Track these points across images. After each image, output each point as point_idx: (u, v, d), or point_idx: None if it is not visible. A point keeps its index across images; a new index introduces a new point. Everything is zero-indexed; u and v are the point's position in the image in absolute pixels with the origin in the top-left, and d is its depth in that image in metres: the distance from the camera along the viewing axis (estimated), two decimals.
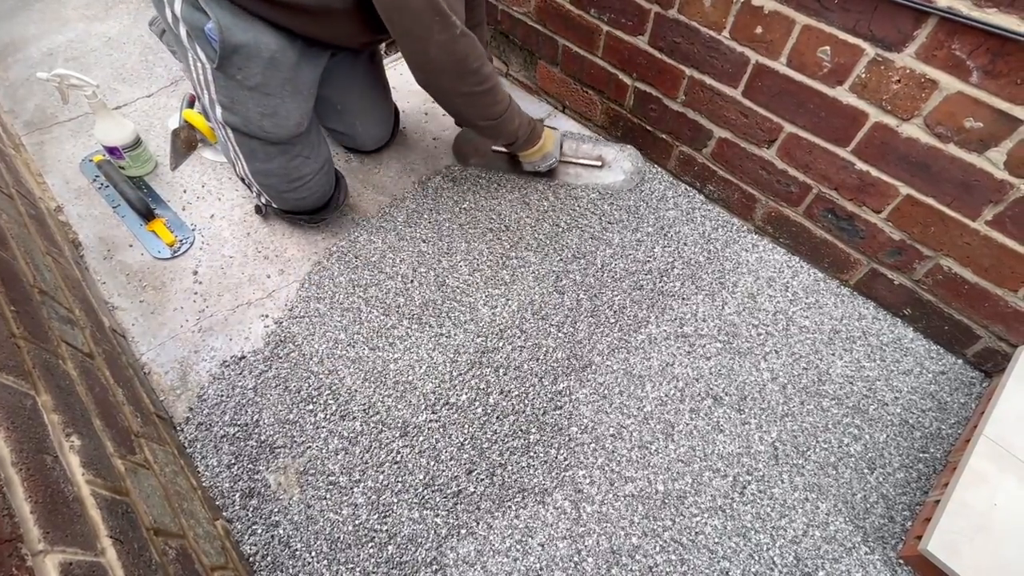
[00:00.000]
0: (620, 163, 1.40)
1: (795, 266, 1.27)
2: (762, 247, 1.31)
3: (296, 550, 0.89)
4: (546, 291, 1.20)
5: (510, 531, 0.91)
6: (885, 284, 1.16)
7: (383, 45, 1.85)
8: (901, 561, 0.90)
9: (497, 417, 1.03)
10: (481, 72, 1.01)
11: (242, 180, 1.21)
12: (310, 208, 1.23)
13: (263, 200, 1.22)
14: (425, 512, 0.92)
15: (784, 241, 1.30)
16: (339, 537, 0.90)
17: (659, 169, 1.46)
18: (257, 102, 1.00)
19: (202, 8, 0.91)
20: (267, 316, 1.15)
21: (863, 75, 0.95)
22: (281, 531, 0.90)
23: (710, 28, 1.11)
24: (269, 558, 0.88)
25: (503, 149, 1.37)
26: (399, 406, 1.03)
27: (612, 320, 1.16)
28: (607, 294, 1.20)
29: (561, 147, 1.36)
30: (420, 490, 0.94)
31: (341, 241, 1.28)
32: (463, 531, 0.91)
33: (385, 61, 1.73)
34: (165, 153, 1.41)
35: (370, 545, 0.89)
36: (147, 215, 1.25)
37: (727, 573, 0.88)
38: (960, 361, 1.13)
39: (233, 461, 0.96)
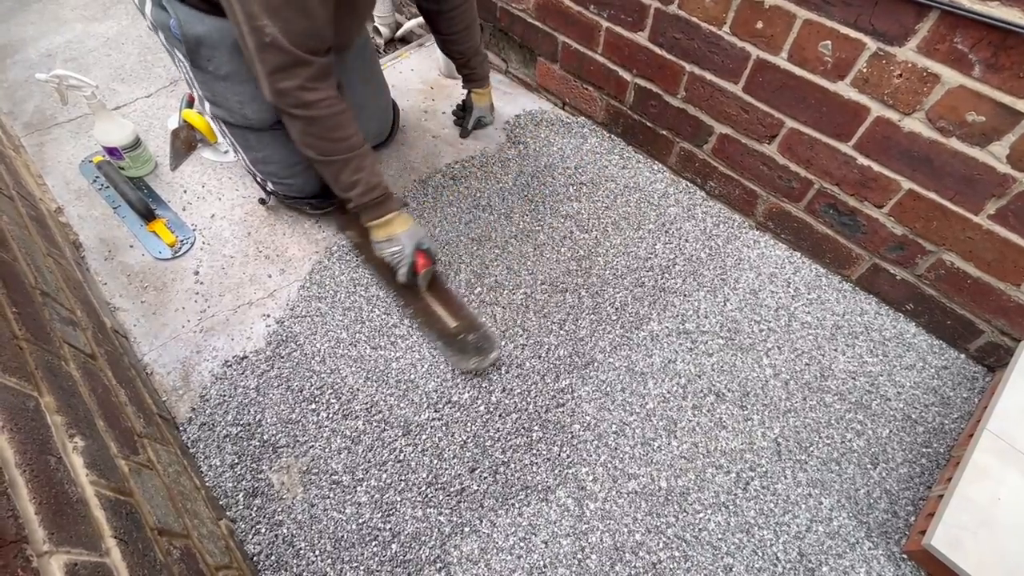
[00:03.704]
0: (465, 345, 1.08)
1: (797, 262, 1.27)
2: (763, 243, 1.30)
3: (300, 549, 0.89)
4: (547, 289, 1.20)
5: (514, 528, 0.91)
6: (887, 279, 1.16)
7: (381, 42, 1.85)
8: (905, 556, 0.90)
9: (500, 415, 1.03)
10: (289, 93, 0.88)
11: (248, 172, 1.22)
12: (313, 193, 1.23)
13: (268, 188, 1.22)
14: (428, 510, 0.92)
15: (786, 237, 1.29)
16: (343, 536, 0.90)
17: (660, 166, 1.45)
18: (233, 91, 1.02)
19: (164, 7, 0.94)
20: (269, 316, 1.15)
21: (864, 69, 0.95)
22: (285, 530, 0.90)
23: (710, 23, 1.10)
24: (273, 557, 0.88)
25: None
26: (401, 405, 1.03)
27: (614, 317, 1.16)
28: (609, 291, 1.20)
29: (422, 256, 1.09)
30: (423, 488, 0.94)
31: (342, 240, 1.28)
32: (467, 529, 0.91)
33: (384, 60, 1.73)
34: (165, 153, 1.41)
35: (374, 544, 0.89)
36: (147, 216, 1.24)
37: (731, 569, 0.88)
38: (963, 356, 1.13)
39: (236, 461, 0.96)
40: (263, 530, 0.90)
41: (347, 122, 0.96)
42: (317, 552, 0.88)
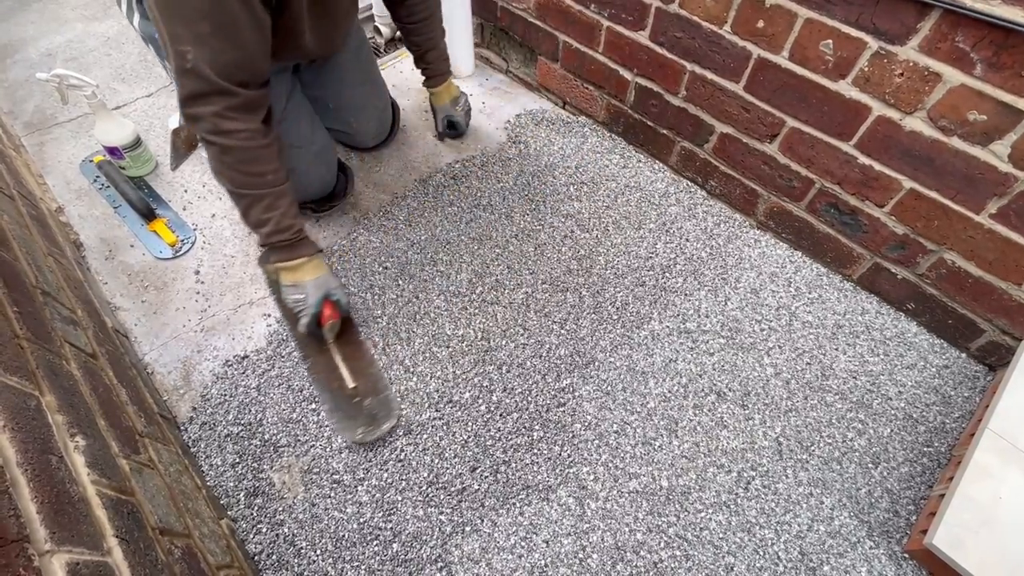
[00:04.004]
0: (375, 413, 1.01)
1: (798, 261, 1.27)
2: (764, 242, 1.30)
3: (301, 548, 0.89)
4: (548, 288, 1.20)
5: (515, 528, 0.91)
6: (888, 278, 1.16)
7: (381, 41, 1.85)
8: (906, 555, 0.90)
9: (500, 414, 1.02)
10: (204, 119, 0.83)
11: None
12: (314, 196, 1.23)
13: None
14: (429, 510, 0.92)
15: (786, 236, 1.29)
16: (344, 535, 0.90)
17: (661, 165, 1.45)
18: None
19: (150, 18, 0.93)
20: (269, 315, 1.15)
21: (866, 68, 0.95)
22: (286, 530, 0.90)
23: (711, 22, 1.10)
24: (274, 557, 0.88)
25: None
26: (402, 404, 1.03)
27: (615, 317, 1.16)
28: (609, 291, 1.20)
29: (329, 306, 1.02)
30: (424, 488, 0.94)
31: (341, 240, 1.28)
32: (468, 528, 0.91)
33: (384, 60, 1.72)
34: (165, 153, 1.41)
35: (375, 543, 0.89)
36: (148, 215, 1.24)
37: (732, 568, 0.88)
38: (964, 355, 1.13)
39: (237, 460, 0.96)
40: (264, 529, 0.90)
41: (267, 158, 0.90)
42: (318, 551, 0.88)
